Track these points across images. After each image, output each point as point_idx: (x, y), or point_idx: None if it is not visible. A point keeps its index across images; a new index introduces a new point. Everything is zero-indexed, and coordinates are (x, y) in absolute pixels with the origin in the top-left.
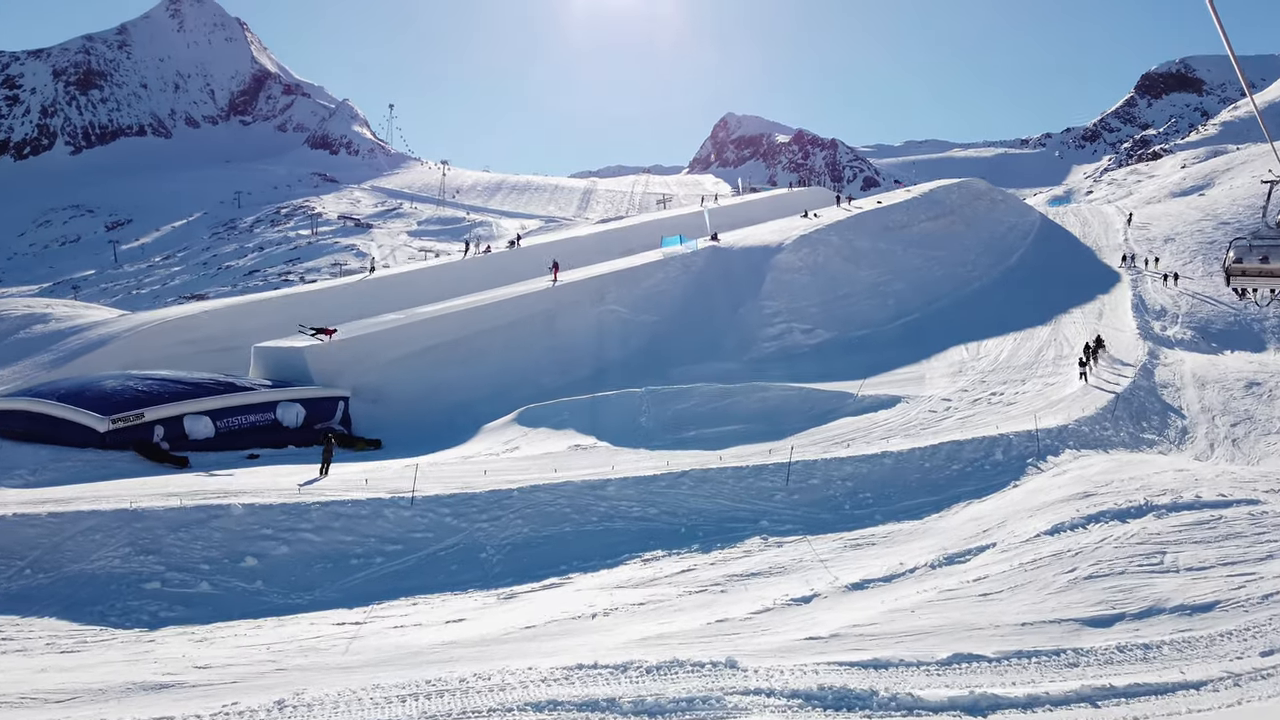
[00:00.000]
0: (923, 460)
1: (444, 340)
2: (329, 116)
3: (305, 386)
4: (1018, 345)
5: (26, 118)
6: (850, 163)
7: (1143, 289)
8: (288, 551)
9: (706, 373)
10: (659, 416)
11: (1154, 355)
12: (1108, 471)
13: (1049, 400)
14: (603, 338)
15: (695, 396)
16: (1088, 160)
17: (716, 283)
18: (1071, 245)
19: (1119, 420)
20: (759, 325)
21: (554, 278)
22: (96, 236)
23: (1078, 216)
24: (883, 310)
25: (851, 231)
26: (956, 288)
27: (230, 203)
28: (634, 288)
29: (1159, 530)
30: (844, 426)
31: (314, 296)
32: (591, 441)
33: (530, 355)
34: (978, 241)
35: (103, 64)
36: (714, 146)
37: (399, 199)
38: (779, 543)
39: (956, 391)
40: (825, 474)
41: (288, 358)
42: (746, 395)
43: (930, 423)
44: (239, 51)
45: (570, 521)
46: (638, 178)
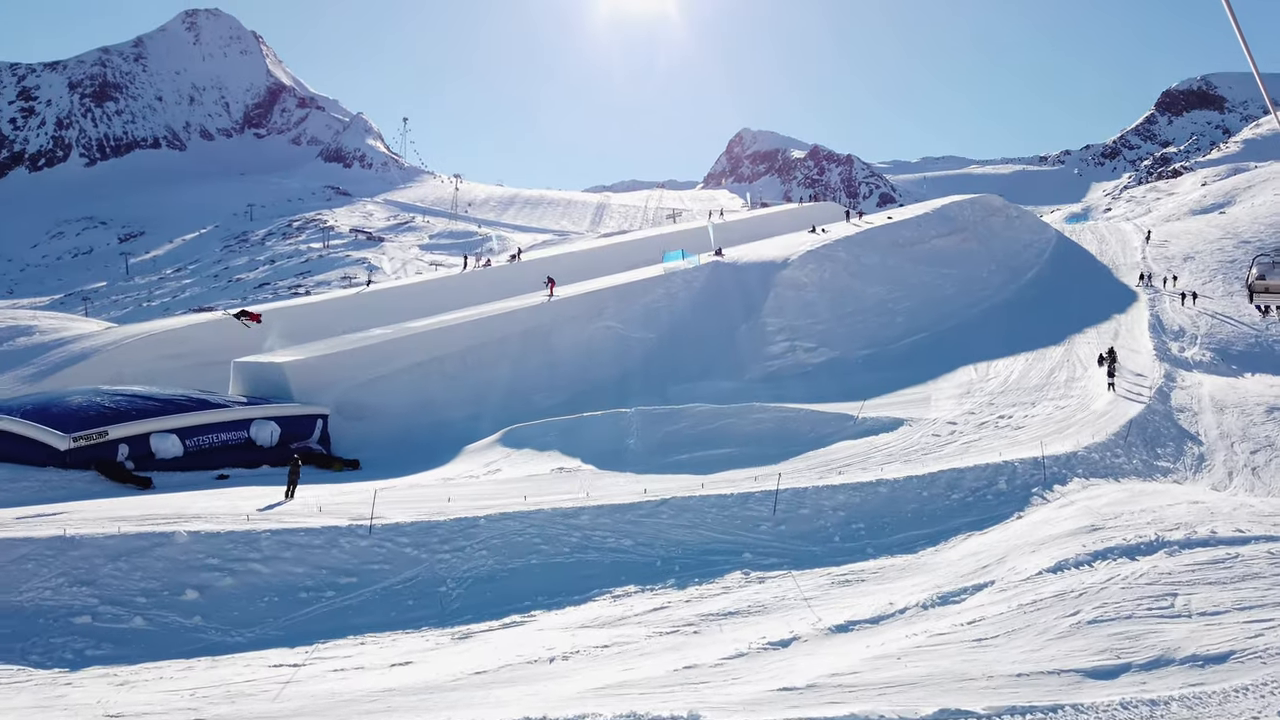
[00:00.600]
0: (920, 489)
1: (432, 356)
2: (343, 130)
3: (282, 403)
4: (1029, 366)
5: (42, 129)
6: (866, 179)
7: (1160, 308)
8: (233, 583)
9: (705, 392)
10: (648, 439)
11: (1170, 378)
12: (1118, 503)
13: (1059, 424)
14: (599, 355)
15: (687, 418)
16: (1107, 178)
17: (718, 299)
18: (1088, 263)
19: (1131, 447)
20: (761, 343)
21: (550, 293)
22: (109, 248)
23: (1095, 234)
24: (890, 328)
25: (860, 247)
26: (968, 306)
27: (243, 215)
28: (633, 303)
29: (1170, 569)
30: (842, 451)
31: (305, 309)
32: (576, 464)
33: (523, 372)
34: (991, 258)
35: (118, 76)
36: (729, 162)
37: (411, 212)
38: (761, 578)
39: (963, 414)
40: (815, 503)
41: (267, 373)
42: (741, 417)
43: (933, 447)
44: (254, 65)
45: (539, 553)
46: (651, 193)
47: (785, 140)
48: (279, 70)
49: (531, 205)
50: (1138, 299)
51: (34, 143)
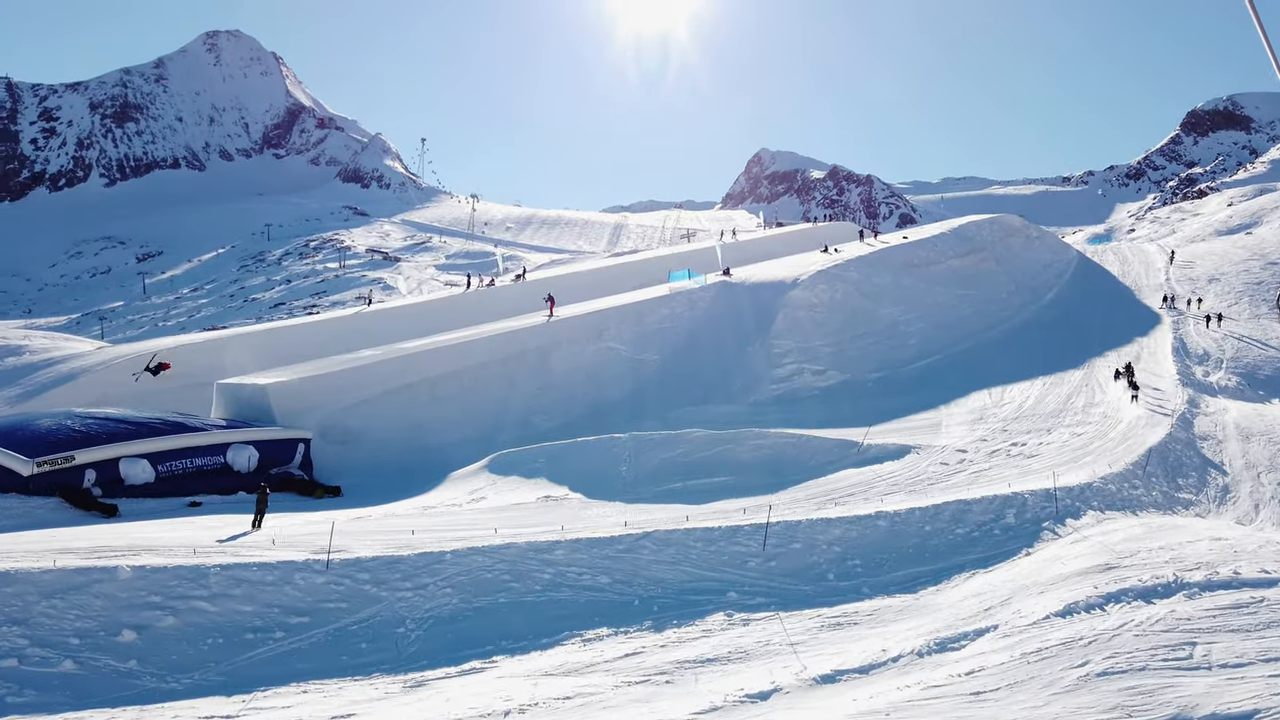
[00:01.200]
0: (923, 522)
1: (424, 377)
2: (361, 150)
3: (262, 427)
4: (1046, 390)
5: (63, 150)
6: (886, 199)
7: (1184, 331)
8: (174, 624)
9: (708, 415)
10: (641, 466)
11: (1194, 403)
12: (1134, 539)
13: (1075, 452)
14: (599, 377)
15: (683, 444)
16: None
17: (724, 320)
18: (1110, 285)
19: (1151, 477)
20: (767, 366)
21: (549, 312)
22: (127, 268)
23: (1117, 255)
24: (902, 351)
25: (873, 267)
26: (984, 328)
27: (260, 235)
28: (635, 324)
29: (1189, 614)
30: (844, 480)
31: (301, 330)
32: (564, 492)
33: (520, 395)
34: (1010, 280)
35: (139, 97)
36: (748, 182)
37: (428, 233)
38: (746, 620)
39: (974, 441)
40: (809, 538)
41: (250, 395)
42: (739, 444)
43: (940, 477)
44: (274, 85)
45: (508, 591)
46: (669, 213)
47: (804, 161)
48: (298, 91)
49: (549, 225)
50: (1161, 321)
51: (54, 163)
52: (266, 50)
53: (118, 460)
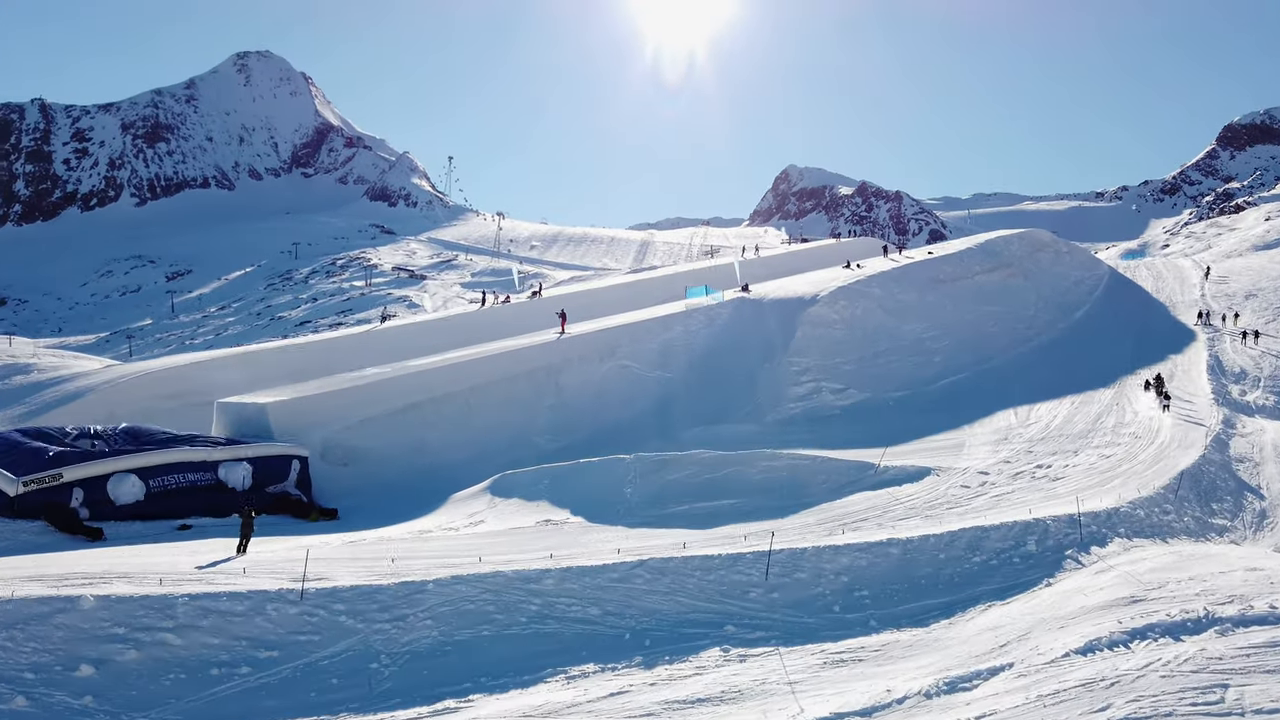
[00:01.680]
0: (937, 550)
1: (430, 396)
2: (388, 169)
3: (254, 443)
4: (1074, 410)
5: (94, 170)
6: (915, 215)
7: (1220, 349)
8: (137, 657)
9: (722, 435)
10: (646, 488)
11: (1229, 423)
12: (1163, 569)
13: (1103, 475)
14: (610, 395)
15: (690, 466)
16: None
17: (742, 337)
18: (1143, 301)
19: (1183, 501)
20: (785, 384)
21: (561, 329)
22: (156, 287)
23: (1151, 270)
24: (926, 369)
25: (896, 283)
26: (1011, 345)
27: (288, 254)
28: (649, 341)
29: (1221, 653)
30: (859, 503)
31: (313, 347)
32: (564, 516)
33: (528, 414)
34: (1038, 296)
35: (170, 118)
36: (775, 199)
37: (455, 250)
38: (743, 655)
39: (997, 463)
40: (815, 566)
41: (250, 415)
42: (749, 465)
43: (960, 501)
44: (303, 105)
45: (492, 624)
46: (696, 230)
47: (832, 177)
48: (327, 110)
49: (575, 243)
50: (1196, 338)
51: (86, 183)
52: (296, 70)
53: (107, 478)
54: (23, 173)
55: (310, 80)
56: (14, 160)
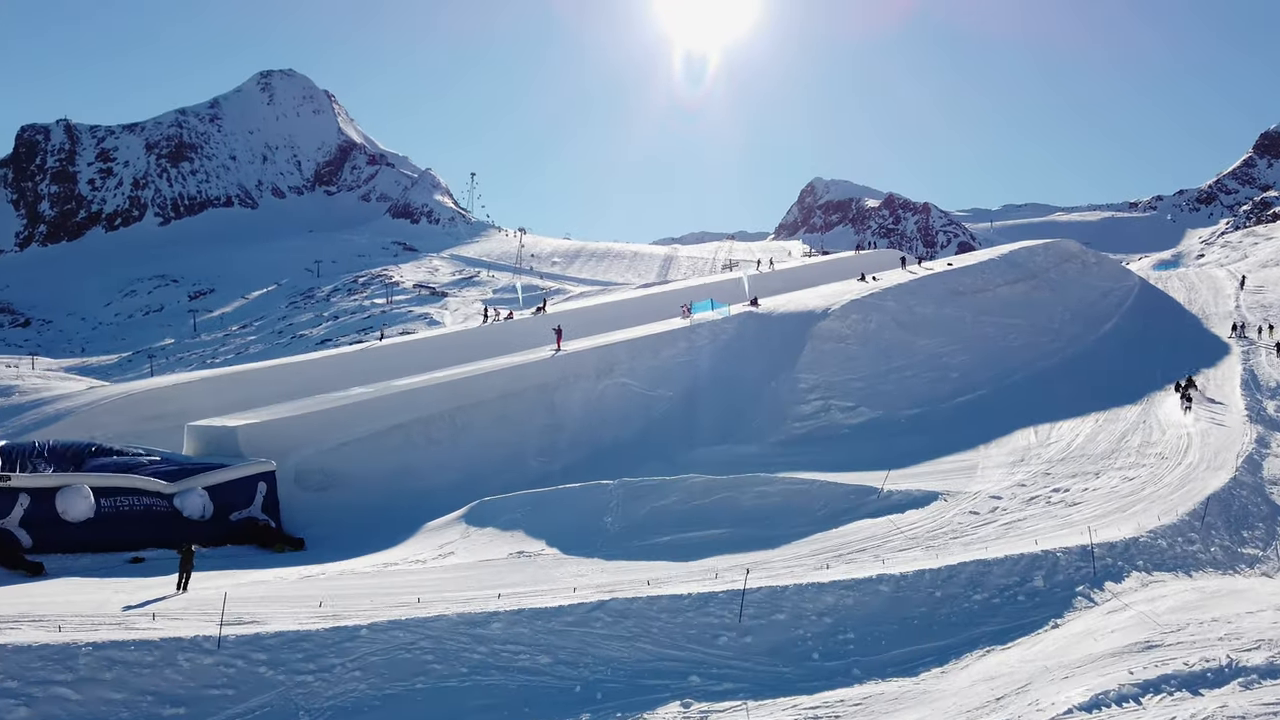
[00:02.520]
0: (933, 587)
1: (416, 417)
2: (411, 186)
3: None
4: (1098, 429)
5: (119, 190)
6: (944, 227)
7: (1255, 362)
8: (26, 715)
9: (723, 457)
10: (628, 516)
11: (1264, 442)
12: (1183, 608)
13: (1124, 499)
14: (608, 415)
15: (676, 492)
16: (1203, 224)
17: (748, 353)
18: (1174, 313)
19: (1210, 530)
20: (792, 402)
21: (557, 346)
22: (179, 306)
23: (1183, 281)
24: (942, 385)
25: (913, 296)
26: (1034, 360)
27: (309, 272)
28: (650, 358)
29: (1244, 711)
30: (857, 532)
31: (306, 367)
32: (539, 547)
33: (520, 435)
34: (1064, 308)
35: (194, 137)
36: (800, 212)
37: (477, 267)
38: (705, 712)
39: (1012, 486)
40: (796, 607)
41: (220, 438)
42: (742, 491)
43: (966, 529)
44: (326, 123)
45: (428, 675)
46: (720, 244)
47: (859, 189)
48: (350, 128)
49: (597, 258)
50: (1230, 351)
51: (111, 203)
52: (319, 88)
53: (55, 491)
54: (48, 193)
55: (333, 98)
56: (39, 181)
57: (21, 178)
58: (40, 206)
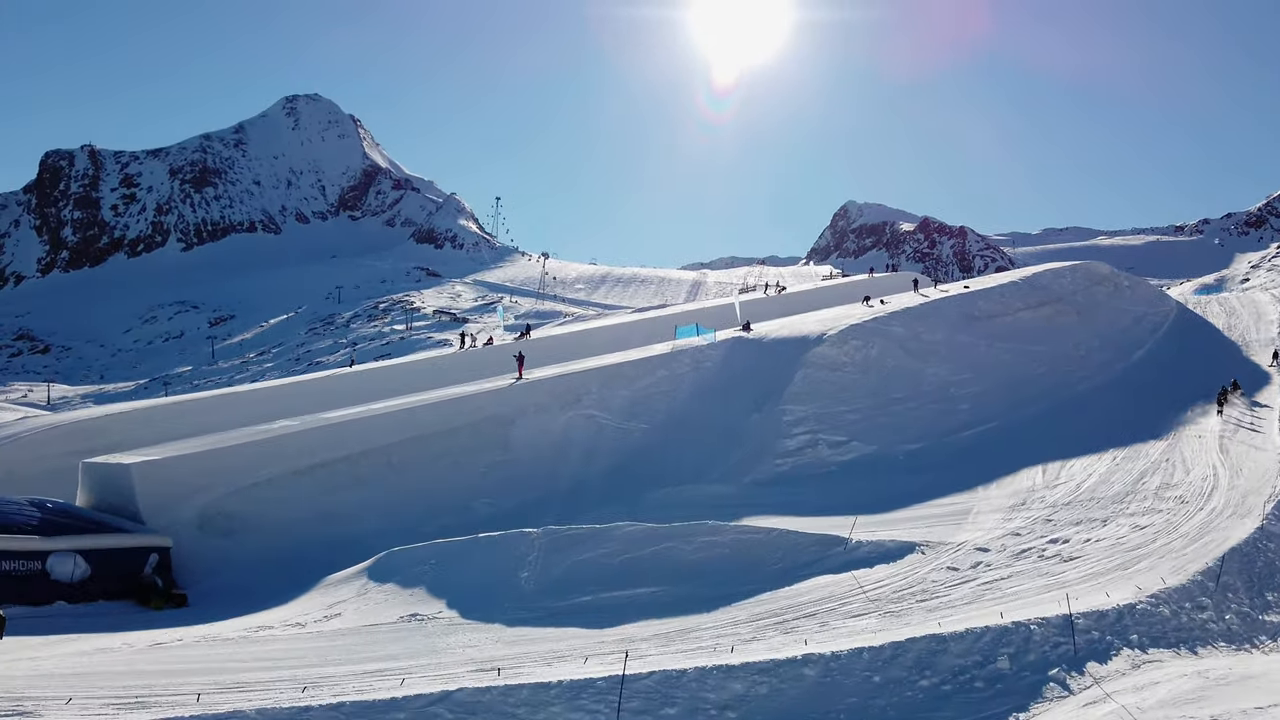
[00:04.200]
0: (871, 670)
1: (345, 454)
2: (435, 210)
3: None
4: (1114, 468)
5: (142, 216)
6: (981, 251)
7: None
8: None
9: (691, 498)
10: (548, 572)
11: None
12: (1178, 700)
13: (1129, 553)
14: (569, 451)
15: (610, 542)
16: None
17: (732, 382)
18: (1212, 339)
19: (1227, 592)
20: (775, 436)
21: (518, 374)
22: (199, 332)
23: (1224, 306)
24: (949, 418)
25: (922, 321)
26: (1055, 389)
27: (331, 298)
28: (624, 388)
29: None
30: (811, 591)
31: (250, 396)
32: (438, 608)
33: (466, 474)
34: (1092, 334)
35: (218, 162)
36: (833, 236)
37: (500, 293)
38: None
39: (1004, 535)
40: (693, 698)
41: (114, 477)
42: (686, 541)
43: (938, 589)
44: (351, 148)
45: None
46: (751, 269)
47: (893, 213)
48: (375, 153)
49: (624, 283)
50: (1270, 382)
51: (134, 229)
52: (345, 113)
53: None
54: (71, 219)
55: (359, 123)
56: (62, 207)
57: (45, 204)
58: (63, 232)
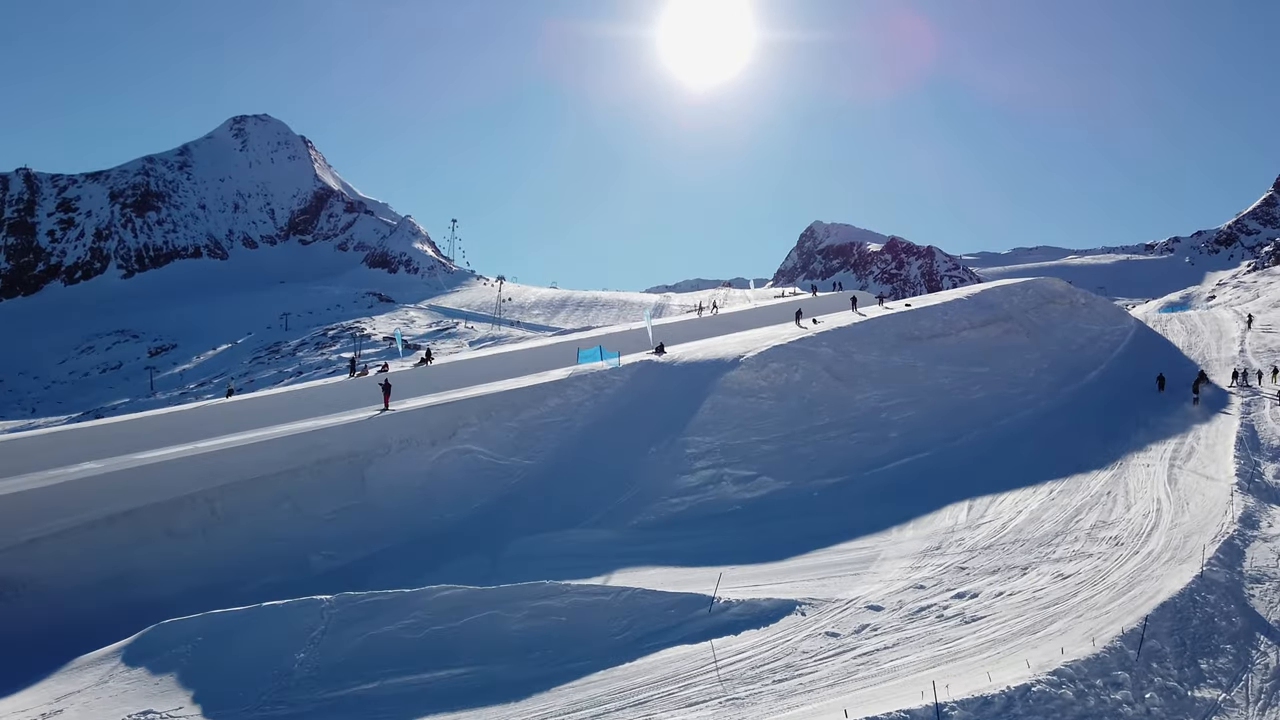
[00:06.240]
0: None
1: (153, 501)
2: (389, 234)
3: None
4: (1049, 503)
5: (80, 241)
6: (949, 271)
7: (1256, 416)
8: None
9: (562, 546)
10: (332, 651)
11: (1251, 521)
12: None
13: (1044, 610)
14: (440, 492)
15: (419, 610)
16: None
17: (634, 411)
18: (1171, 359)
19: (1151, 662)
20: (674, 472)
21: (384, 404)
22: (138, 363)
23: (1185, 324)
24: (876, 448)
25: (854, 341)
26: (997, 416)
27: (278, 325)
28: (508, 419)
29: None
30: (657, 668)
31: (104, 431)
32: (178, 705)
33: (309, 522)
34: (1043, 355)
35: (161, 185)
36: (800, 257)
37: (455, 318)
38: None
39: (905, 589)
40: None
41: None
42: (514, 607)
43: (808, 663)
44: (302, 170)
45: None
46: (716, 291)
47: (860, 233)
48: (327, 175)
49: (584, 307)
50: (1229, 403)
51: (71, 255)
52: (295, 134)
53: None
54: (4, 245)
55: (310, 144)
56: None
57: None
58: None
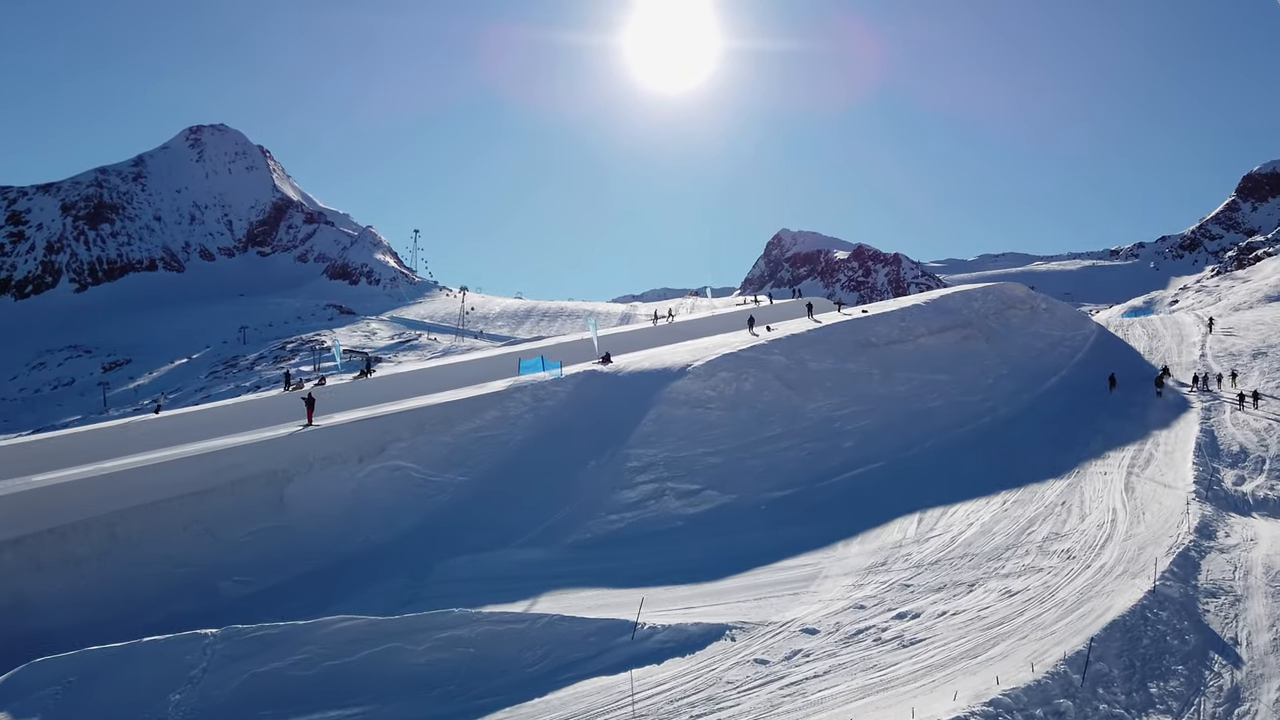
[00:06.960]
0: None
1: (49, 526)
2: (350, 245)
3: None
4: (1002, 514)
5: (31, 255)
6: (916, 279)
7: (1216, 421)
8: None
9: (491, 567)
10: (214, 691)
11: (1208, 531)
12: None
13: (988, 631)
14: (366, 511)
15: (313, 644)
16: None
17: (575, 424)
18: (1131, 364)
19: (1097, 686)
20: (614, 487)
21: (308, 419)
22: (91, 378)
23: (1146, 328)
24: (828, 459)
25: (808, 349)
26: (954, 424)
27: (235, 339)
28: (442, 433)
29: None
30: (569, 704)
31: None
32: None
33: (219, 545)
34: (1003, 361)
35: (115, 197)
36: (767, 265)
37: (418, 329)
38: None
39: (845, 610)
40: None
41: None
42: (418, 639)
43: (730, 695)
44: (260, 180)
45: None
46: (683, 300)
47: (827, 241)
48: (286, 185)
49: (550, 318)
50: (1188, 408)
51: (21, 269)
52: (253, 144)
53: None
54: None
55: (268, 154)
56: None
57: None
58: None
